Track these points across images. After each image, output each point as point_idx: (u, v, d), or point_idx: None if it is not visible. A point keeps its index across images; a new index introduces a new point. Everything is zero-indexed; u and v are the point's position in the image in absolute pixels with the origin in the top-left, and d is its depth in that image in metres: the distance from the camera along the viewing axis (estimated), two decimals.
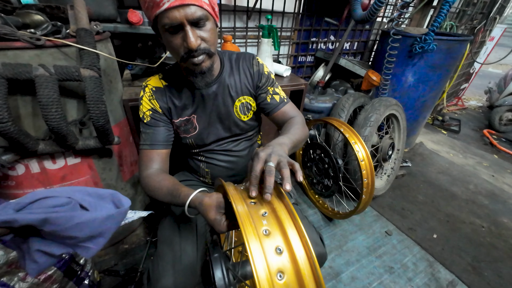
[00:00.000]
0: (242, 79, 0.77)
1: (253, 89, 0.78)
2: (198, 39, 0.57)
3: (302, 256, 0.43)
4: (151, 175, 0.68)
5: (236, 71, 0.76)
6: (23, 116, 0.76)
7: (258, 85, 0.78)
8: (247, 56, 0.78)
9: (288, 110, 0.79)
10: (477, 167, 2.15)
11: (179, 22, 0.54)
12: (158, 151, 0.72)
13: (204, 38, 0.58)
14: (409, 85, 1.82)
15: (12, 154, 0.76)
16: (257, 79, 0.77)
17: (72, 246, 0.43)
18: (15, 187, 0.87)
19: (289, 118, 0.78)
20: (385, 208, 1.60)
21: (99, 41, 0.85)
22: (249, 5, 1.55)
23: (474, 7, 2.38)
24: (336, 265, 1.23)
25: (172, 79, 0.74)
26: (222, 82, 0.74)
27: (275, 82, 0.81)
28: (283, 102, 0.79)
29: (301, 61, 2.09)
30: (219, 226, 0.51)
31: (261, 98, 0.78)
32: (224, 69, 0.74)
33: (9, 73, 0.64)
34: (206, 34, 0.58)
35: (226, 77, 0.75)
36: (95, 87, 0.74)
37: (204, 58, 0.61)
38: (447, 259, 1.29)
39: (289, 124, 0.73)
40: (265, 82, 0.78)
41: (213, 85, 0.73)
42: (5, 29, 0.64)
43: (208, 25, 0.58)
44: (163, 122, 0.74)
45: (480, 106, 3.90)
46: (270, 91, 0.78)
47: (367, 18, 1.31)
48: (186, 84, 0.73)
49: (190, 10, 0.53)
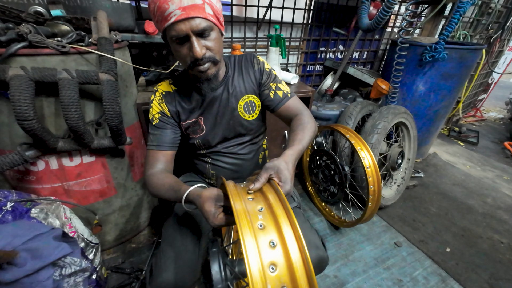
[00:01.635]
0: (246, 79, 0.80)
1: (256, 87, 0.81)
2: (203, 49, 0.62)
3: (295, 250, 0.44)
4: (155, 174, 0.72)
5: (239, 72, 0.80)
6: (47, 115, 0.83)
7: (261, 82, 0.80)
8: (248, 56, 0.82)
9: (292, 105, 0.80)
10: (496, 181, 2.04)
11: (185, 33, 0.59)
12: (163, 152, 0.76)
13: (209, 47, 0.63)
14: (420, 94, 1.79)
15: (35, 150, 0.83)
16: (259, 77, 0.80)
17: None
18: (35, 182, 0.94)
19: (296, 114, 0.78)
20: (395, 219, 1.55)
21: (117, 49, 0.93)
22: (259, 16, 1.62)
23: (489, 17, 2.33)
24: (341, 274, 1.20)
25: (181, 84, 0.79)
26: (227, 84, 0.78)
27: (278, 78, 0.83)
28: (287, 97, 0.80)
29: (310, 70, 2.12)
30: (213, 218, 0.53)
31: (264, 94, 0.81)
32: (228, 72, 0.79)
33: (37, 76, 0.71)
34: (211, 43, 0.63)
35: (231, 79, 0.79)
36: (111, 90, 0.81)
37: (209, 66, 0.66)
38: (462, 275, 1.22)
39: (295, 124, 0.74)
40: (267, 78, 0.80)
41: (218, 89, 0.77)
42: (36, 37, 0.72)
43: (212, 34, 0.63)
44: (170, 125, 0.78)
45: (501, 117, 3.73)
46: (273, 87, 0.80)
47: (373, 27, 1.33)
48: (194, 89, 0.78)
49: (195, 22, 0.58)
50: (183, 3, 0.56)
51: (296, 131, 0.71)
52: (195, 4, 0.57)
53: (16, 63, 0.73)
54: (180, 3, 0.56)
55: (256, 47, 1.74)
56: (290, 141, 0.68)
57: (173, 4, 0.56)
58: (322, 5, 1.82)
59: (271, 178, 0.56)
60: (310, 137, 0.71)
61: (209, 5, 0.60)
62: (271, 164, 0.58)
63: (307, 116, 0.76)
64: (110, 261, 1.19)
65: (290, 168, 0.59)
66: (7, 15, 0.76)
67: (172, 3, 0.56)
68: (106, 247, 1.23)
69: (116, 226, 1.21)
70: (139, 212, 1.29)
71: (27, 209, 0.78)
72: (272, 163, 0.58)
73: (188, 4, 0.57)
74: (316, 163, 1.50)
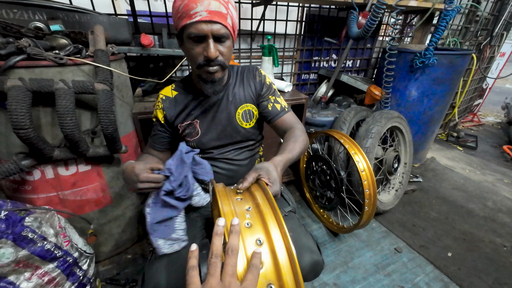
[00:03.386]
0: (246, 89, 0.84)
1: (255, 97, 0.85)
2: (217, 52, 0.66)
3: (281, 248, 0.44)
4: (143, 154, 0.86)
5: (240, 82, 0.85)
6: (43, 125, 0.85)
7: (260, 94, 0.85)
8: (251, 68, 0.87)
9: (288, 119, 0.85)
10: (497, 184, 2.03)
11: (205, 33, 0.63)
12: (155, 152, 0.87)
13: (222, 52, 0.68)
14: (414, 99, 1.82)
15: (30, 160, 0.84)
16: (260, 88, 0.85)
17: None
18: (31, 192, 0.95)
19: (290, 128, 0.83)
20: (395, 224, 1.53)
21: (114, 61, 0.97)
22: (252, 28, 1.68)
23: (476, 24, 2.41)
24: (341, 282, 1.17)
25: (182, 88, 0.84)
26: (227, 91, 0.83)
27: (277, 92, 0.89)
28: (284, 111, 0.85)
29: (304, 78, 2.17)
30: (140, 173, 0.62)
31: (262, 106, 0.85)
32: (230, 80, 0.83)
33: (34, 87, 0.74)
34: (224, 49, 0.68)
35: (231, 87, 0.83)
36: (106, 99, 0.83)
37: (218, 69, 0.70)
38: (465, 280, 1.19)
39: (288, 136, 0.78)
40: (267, 91, 0.85)
41: (219, 94, 0.81)
42: (35, 50, 0.75)
43: (227, 42, 0.68)
44: (160, 131, 0.85)
45: (498, 122, 3.74)
46: (272, 100, 0.85)
47: (362, 35, 1.38)
48: (193, 92, 0.82)
49: (216, 26, 0.63)
50: (211, 7, 0.61)
51: (288, 142, 0.74)
52: (220, 11, 0.63)
53: (15, 75, 0.76)
54: (208, 6, 0.61)
55: (250, 58, 1.79)
56: (281, 150, 0.72)
57: (201, 6, 0.61)
58: (313, 16, 1.89)
59: (260, 178, 0.58)
60: (301, 149, 0.75)
61: (230, 17, 0.66)
62: (260, 165, 0.60)
63: (300, 130, 0.81)
64: (105, 272, 1.17)
65: (278, 171, 0.61)
66: (8, 30, 0.80)
67: (201, 4, 0.61)
68: (101, 259, 1.21)
69: (111, 237, 1.20)
70: (136, 222, 1.28)
71: (21, 217, 0.79)
72: (262, 164, 0.60)
73: (215, 9, 0.62)
74: (312, 169, 1.50)
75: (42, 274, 0.83)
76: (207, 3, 0.61)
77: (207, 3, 0.61)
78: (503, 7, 2.42)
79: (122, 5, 1.36)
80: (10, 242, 0.75)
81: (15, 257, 0.76)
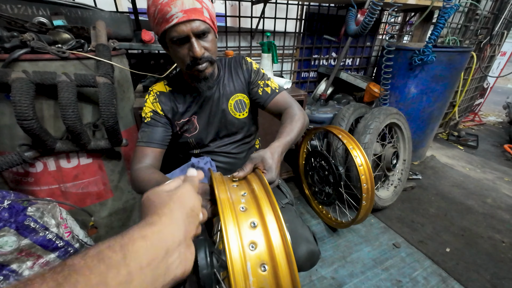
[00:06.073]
0: (235, 79, 0.85)
1: (245, 86, 0.85)
2: (202, 49, 0.67)
3: (274, 229, 0.46)
4: (142, 168, 0.71)
5: (229, 73, 0.85)
6: (46, 117, 0.87)
7: (250, 81, 0.85)
8: (237, 58, 0.87)
9: (281, 99, 0.82)
10: (497, 182, 2.02)
11: (186, 34, 0.63)
12: (152, 149, 0.76)
13: (206, 47, 0.68)
14: (413, 96, 1.82)
15: (33, 151, 0.86)
16: (248, 76, 0.85)
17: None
18: (33, 184, 0.96)
19: (285, 108, 0.81)
20: (393, 220, 1.53)
21: (115, 56, 0.98)
22: (252, 26, 1.70)
23: (476, 23, 2.41)
24: (339, 276, 1.18)
25: (176, 85, 0.83)
26: (219, 84, 0.83)
27: (266, 76, 0.87)
28: (275, 93, 0.83)
29: (304, 76, 2.18)
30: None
31: (253, 92, 0.85)
32: (220, 73, 0.84)
33: (37, 79, 0.76)
34: (208, 44, 0.68)
35: (222, 80, 0.84)
36: (107, 92, 0.85)
37: (207, 65, 0.70)
38: (463, 275, 1.19)
39: (285, 117, 0.76)
40: (255, 77, 0.85)
41: (212, 88, 0.82)
42: (38, 44, 0.77)
43: (209, 36, 0.68)
44: (161, 123, 0.80)
45: (500, 121, 3.73)
46: (261, 84, 0.84)
47: (360, 32, 1.39)
48: (188, 89, 0.82)
49: (195, 24, 0.63)
50: (185, 6, 0.61)
51: (285, 124, 0.73)
52: (195, 7, 0.63)
53: (19, 68, 0.78)
54: (182, 6, 0.61)
55: (250, 56, 1.81)
56: (279, 134, 0.70)
57: (175, 7, 0.61)
58: (313, 15, 1.91)
59: (256, 167, 0.59)
60: (299, 128, 0.73)
61: (206, 9, 0.66)
62: (256, 154, 0.60)
63: (295, 109, 0.79)
64: None
65: (275, 158, 0.60)
66: (13, 25, 0.82)
67: (174, 6, 0.61)
68: None
69: (112, 230, 1.22)
70: (136, 216, 1.30)
71: (24, 207, 0.81)
72: (257, 153, 0.60)
73: (190, 7, 0.62)
74: (312, 165, 1.51)
75: (44, 264, 0.85)
76: (180, 3, 0.60)
77: (180, 3, 0.60)
78: (503, 6, 2.42)
79: (124, 3, 1.39)
80: (13, 231, 0.76)
81: (18, 246, 0.78)
